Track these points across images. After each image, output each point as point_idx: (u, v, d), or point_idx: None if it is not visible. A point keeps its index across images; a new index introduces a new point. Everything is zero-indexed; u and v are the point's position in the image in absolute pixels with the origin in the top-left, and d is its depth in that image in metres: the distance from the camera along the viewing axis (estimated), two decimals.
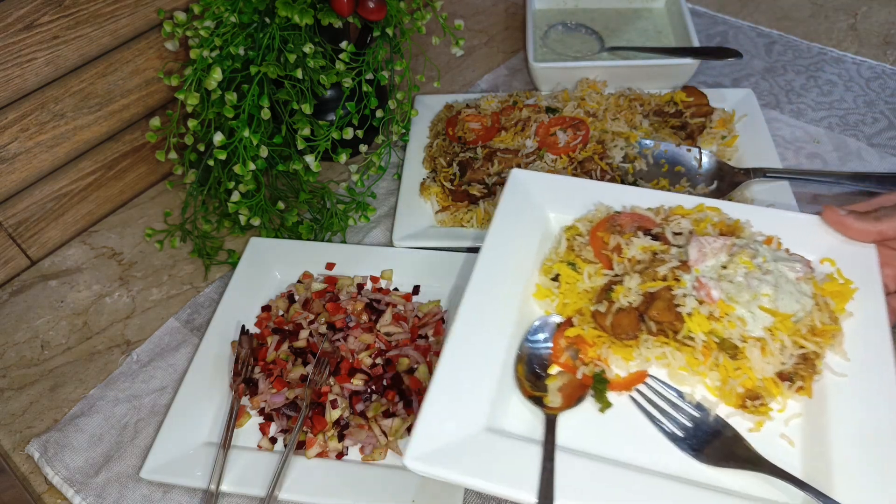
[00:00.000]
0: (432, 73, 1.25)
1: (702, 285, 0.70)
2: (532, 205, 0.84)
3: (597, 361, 0.72)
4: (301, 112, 0.93)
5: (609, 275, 0.76)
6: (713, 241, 0.73)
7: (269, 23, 0.92)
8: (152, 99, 1.04)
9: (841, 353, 0.70)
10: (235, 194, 0.93)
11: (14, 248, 0.98)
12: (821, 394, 0.68)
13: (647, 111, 1.08)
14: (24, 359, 0.89)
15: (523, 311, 0.77)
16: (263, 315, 0.89)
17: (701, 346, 0.70)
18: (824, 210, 0.78)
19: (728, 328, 0.69)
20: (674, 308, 0.71)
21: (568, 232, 0.82)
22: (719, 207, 0.81)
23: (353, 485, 0.72)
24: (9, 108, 0.89)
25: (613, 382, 0.71)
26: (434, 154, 1.07)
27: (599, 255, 0.77)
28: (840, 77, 1.23)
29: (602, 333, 0.73)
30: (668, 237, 0.77)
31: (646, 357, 0.72)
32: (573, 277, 0.77)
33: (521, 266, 0.79)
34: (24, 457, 0.80)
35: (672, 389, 0.71)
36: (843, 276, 0.74)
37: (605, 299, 0.73)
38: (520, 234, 0.81)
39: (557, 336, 0.75)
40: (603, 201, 0.84)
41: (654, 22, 1.31)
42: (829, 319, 0.71)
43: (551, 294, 0.78)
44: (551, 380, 0.72)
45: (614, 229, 0.79)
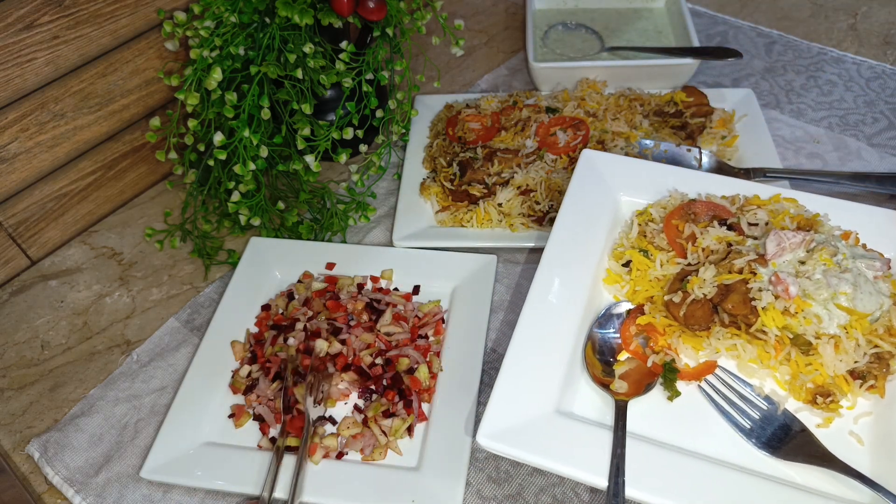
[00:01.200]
0: (432, 73, 1.25)
1: (779, 280, 0.70)
2: (603, 186, 0.84)
3: (667, 350, 0.72)
4: (301, 112, 0.93)
5: (682, 263, 0.76)
6: (792, 236, 0.72)
7: (269, 23, 0.92)
8: (152, 99, 1.04)
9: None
10: (235, 194, 0.93)
11: (14, 248, 0.98)
12: (893, 393, 0.68)
13: (647, 111, 1.08)
14: (24, 359, 0.89)
15: (593, 295, 0.76)
16: (263, 315, 0.89)
17: (774, 340, 0.70)
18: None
19: (803, 324, 0.69)
20: (749, 301, 0.71)
21: (640, 217, 0.81)
22: (796, 199, 0.80)
23: (353, 485, 0.72)
24: (9, 108, 0.89)
25: (683, 372, 0.72)
26: (434, 154, 1.07)
27: (673, 243, 0.77)
28: (840, 77, 1.23)
29: (673, 322, 0.73)
30: (744, 228, 0.77)
31: (716, 348, 0.72)
32: (645, 264, 0.77)
33: (591, 249, 0.78)
34: (24, 457, 0.80)
35: (741, 381, 0.71)
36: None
37: (680, 289, 0.73)
38: (590, 216, 0.81)
39: (628, 323, 0.75)
40: (677, 187, 0.83)
41: (654, 22, 1.32)
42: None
43: (621, 280, 0.78)
44: (619, 365, 0.72)
45: (689, 217, 0.78)
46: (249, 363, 0.84)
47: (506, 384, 0.67)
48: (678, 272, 0.76)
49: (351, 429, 0.76)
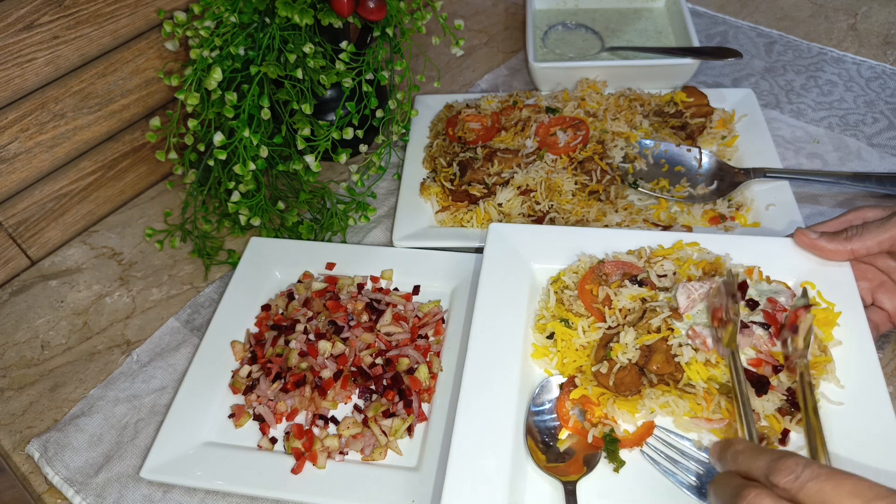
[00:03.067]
0: (432, 73, 1.25)
1: (696, 333, 0.72)
2: (516, 258, 0.84)
3: (604, 420, 0.73)
4: (301, 112, 0.93)
5: (603, 327, 0.77)
6: (699, 287, 0.75)
7: (269, 23, 0.92)
8: (152, 99, 1.04)
9: (835, 381, 0.71)
10: (235, 194, 0.93)
11: (14, 248, 0.98)
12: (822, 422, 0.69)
13: (648, 111, 1.08)
14: (24, 359, 0.89)
15: (524, 372, 0.77)
16: (263, 315, 0.89)
17: (702, 392, 0.71)
18: (796, 233, 0.80)
19: (726, 373, 0.71)
20: (672, 359, 0.72)
21: (555, 285, 0.82)
22: (697, 241, 0.83)
23: (353, 485, 0.72)
24: (9, 108, 0.89)
25: (624, 439, 0.72)
26: (434, 154, 1.07)
27: (590, 308, 0.79)
28: (840, 77, 1.23)
29: (605, 391, 0.74)
30: (654, 281, 0.78)
31: (650, 408, 0.73)
32: (568, 334, 0.78)
33: (516, 325, 0.79)
34: (24, 457, 0.80)
35: (681, 437, 0.72)
36: (825, 298, 0.76)
37: (605, 358, 0.74)
38: (508, 291, 0.81)
39: (563, 399, 0.75)
40: (583, 247, 0.84)
41: (654, 22, 1.32)
42: (819, 350, 0.72)
43: (549, 352, 0.79)
44: (561, 443, 0.73)
45: (601, 279, 0.80)
46: (249, 363, 0.84)
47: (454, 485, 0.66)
48: (601, 338, 0.77)
49: (351, 429, 0.76)
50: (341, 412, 0.80)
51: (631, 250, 0.83)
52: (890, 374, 0.82)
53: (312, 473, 0.74)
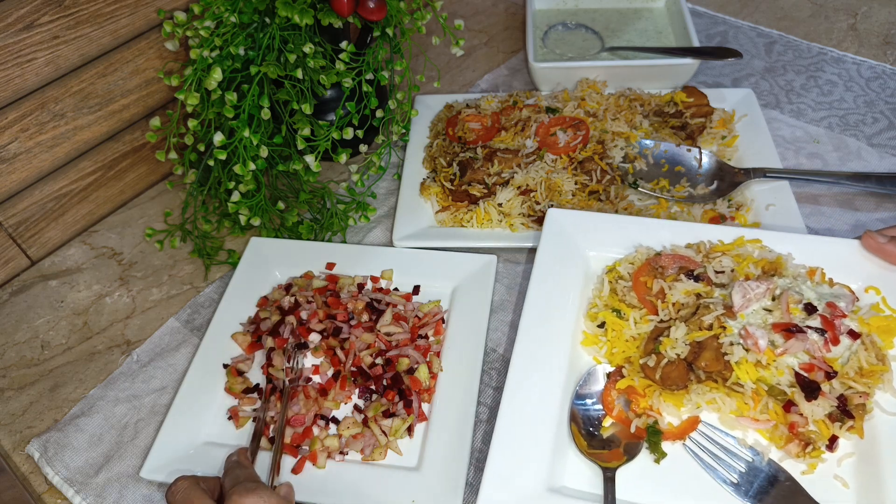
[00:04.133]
0: (432, 73, 1.25)
1: (748, 334, 0.71)
2: (571, 245, 0.85)
3: (649, 412, 0.73)
4: (301, 112, 0.93)
5: (655, 320, 0.77)
6: (756, 287, 0.73)
7: (269, 23, 0.92)
8: (152, 99, 1.04)
9: (891, 391, 0.70)
10: (235, 194, 0.93)
11: (14, 248, 0.98)
12: (872, 433, 0.69)
13: (648, 111, 1.09)
14: (24, 359, 0.89)
15: (573, 358, 0.77)
16: (261, 301, 0.91)
17: (750, 392, 0.71)
18: (864, 236, 0.78)
19: (776, 375, 0.70)
20: (721, 357, 0.72)
21: (610, 275, 0.82)
22: (760, 238, 0.81)
23: (354, 485, 0.72)
24: (9, 108, 0.89)
25: (667, 432, 0.72)
26: (434, 154, 1.07)
27: (643, 300, 0.78)
28: (840, 77, 1.23)
29: (652, 383, 0.74)
30: (711, 277, 0.77)
31: (696, 403, 0.72)
32: (619, 325, 0.78)
33: (567, 311, 0.79)
34: (24, 457, 0.80)
35: (725, 434, 0.72)
36: (889, 305, 0.75)
37: (653, 352, 0.74)
38: (562, 277, 0.82)
39: (609, 388, 0.76)
40: (641, 238, 0.84)
41: (654, 22, 1.32)
42: (876, 359, 0.71)
43: (598, 341, 0.79)
44: (605, 431, 0.73)
45: (656, 272, 0.79)
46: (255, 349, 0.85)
47: (496, 464, 0.67)
48: (651, 331, 0.76)
49: (351, 429, 0.76)
50: (341, 412, 0.80)
51: (690, 244, 0.83)
52: None
53: (312, 473, 0.74)
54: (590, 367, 0.78)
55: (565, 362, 0.76)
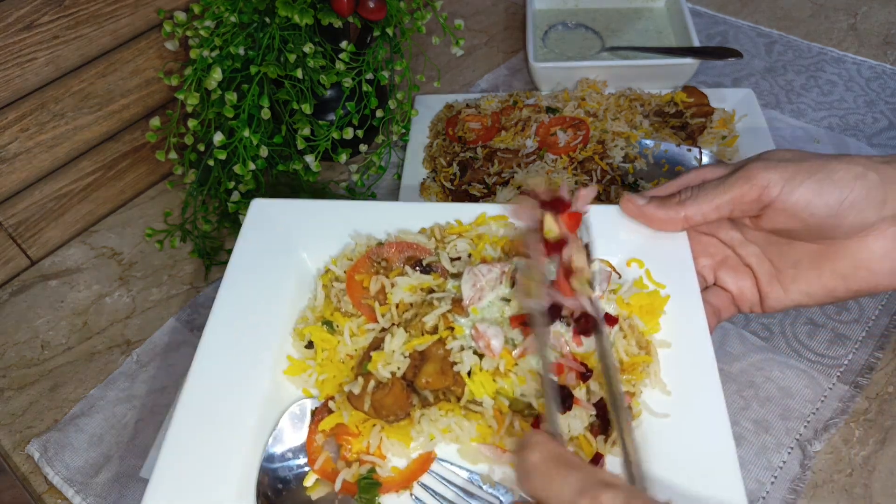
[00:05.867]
0: (432, 73, 1.25)
1: (479, 334, 0.55)
2: (280, 245, 0.67)
3: (365, 457, 0.55)
4: (301, 112, 0.93)
5: (374, 329, 0.60)
6: (487, 271, 0.59)
7: (269, 23, 0.92)
8: (152, 99, 1.04)
9: (660, 386, 0.57)
10: (235, 194, 0.93)
11: (14, 248, 0.98)
12: (642, 443, 0.54)
13: (648, 111, 1.08)
14: (24, 359, 0.89)
15: (273, 395, 0.58)
16: None
17: (491, 411, 0.55)
18: (622, 201, 0.66)
19: (518, 385, 0.55)
20: (449, 368, 0.56)
21: (325, 277, 0.65)
22: (506, 214, 0.66)
23: None
24: (9, 108, 0.89)
25: (387, 482, 0.55)
26: (434, 154, 1.07)
27: (359, 305, 0.61)
28: (840, 77, 1.23)
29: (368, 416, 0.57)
30: (446, 266, 0.62)
31: (429, 434, 0.56)
32: (330, 342, 0.60)
33: (268, 333, 0.61)
34: (24, 457, 0.80)
35: (466, 471, 0.56)
36: (653, 279, 0.62)
37: (360, 374, 0.56)
38: (264, 287, 0.63)
39: (312, 430, 0.57)
40: (365, 227, 0.67)
41: (654, 22, 1.31)
42: (638, 347, 0.58)
43: (307, 367, 0.60)
44: (311, 490, 0.54)
45: (378, 267, 0.63)
46: None
47: None
48: (370, 344, 0.59)
49: None
50: None
51: (423, 228, 0.67)
52: (891, 374, 0.82)
53: None
54: (293, 404, 0.59)
55: (259, 403, 0.56)
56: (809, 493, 0.72)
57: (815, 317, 0.87)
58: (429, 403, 0.56)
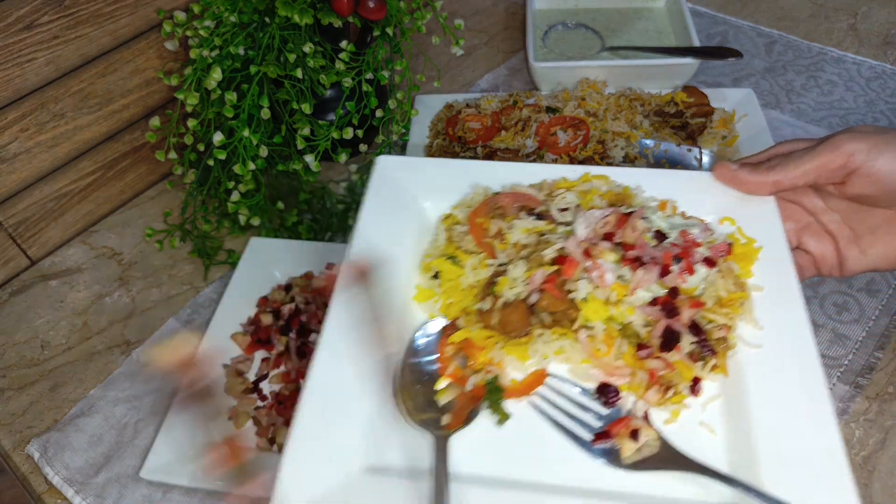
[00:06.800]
0: (432, 73, 1.25)
1: (595, 265, 0.62)
2: (403, 196, 0.75)
3: (489, 367, 0.63)
4: (301, 112, 0.93)
5: (493, 264, 0.68)
6: (600, 215, 0.66)
7: (268, 22, 0.92)
8: (152, 99, 1.04)
9: (752, 322, 0.63)
10: (235, 194, 0.93)
11: (14, 248, 0.98)
12: (737, 370, 0.61)
13: (648, 111, 1.08)
14: (24, 359, 0.89)
15: (404, 318, 0.67)
16: (260, 301, 0.91)
17: (601, 335, 0.62)
18: (715, 166, 0.73)
19: (627, 313, 0.62)
20: (565, 295, 0.63)
21: (446, 222, 0.73)
22: (607, 175, 0.74)
23: None
24: (9, 108, 0.89)
25: (510, 389, 0.62)
26: (434, 154, 1.07)
27: (481, 244, 0.69)
28: (840, 77, 1.23)
29: (492, 333, 0.64)
30: (554, 215, 0.69)
31: (543, 353, 0.63)
32: (454, 273, 0.68)
33: (397, 267, 0.69)
34: (24, 457, 0.80)
35: (576, 387, 0.63)
36: (745, 234, 0.69)
37: (490, 294, 0.65)
38: (392, 232, 0.71)
39: (443, 342, 0.65)
40: (479, 181, 0.75)
41: (654, 22, 1.31)
42: (735, 286, 0.64)
43: (433, 294, 0.69)
44: (441, 394, 0.62)
45: (495, 213, 0.71)
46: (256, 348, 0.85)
47: (297, 451, 0.55)
48: (490, 276, 0.67)
49: None
50: None
51: (533, 184, 0.75)
52: (891, 374, 0.82)
53: None
54: (422, 323, 0.67)
55: (392, 323, 0.65)
56: None
57: (816, 317, 0.87)
58: (546, 325, 0.63)
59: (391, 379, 0.63)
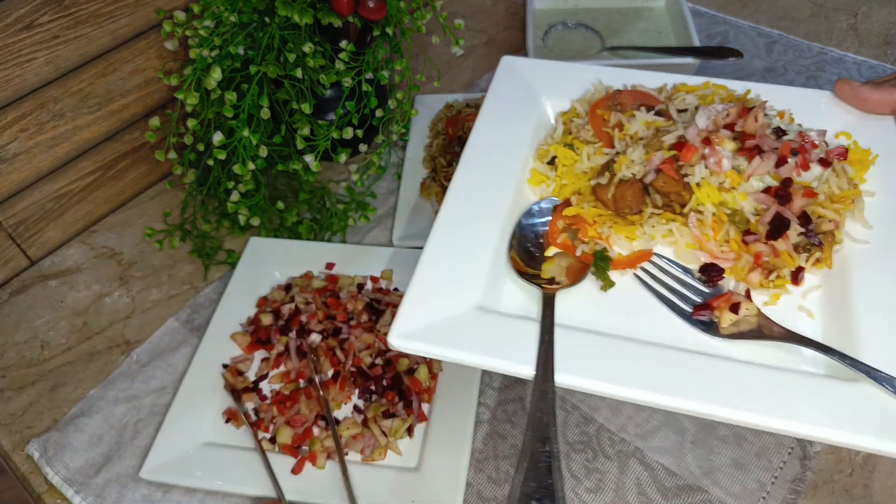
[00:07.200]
0: (432, 73, 1.25)
1: (713, 151, 0.64)
2: (525, 91, 0.78)
3: (598, 241, 0.66)
4: (301, 112, 0.93)
5: (610, 153, 0.70)
6: (722, 109, 0.67)
7: (268, 22, 0.92)
8: (152, 99, 1.04)
9: (862, 221, 0.65)
10: (235, 194, 0.93)
11: (14, 248, 0.98)
12: (841, 264, 0.63)
13: None
14: (24, 359, 0.89)
15: (518, 197, 0.71)
16: (260, 301, 0.91)
17: (711, 219, 0.64)
18: (837, 83, 0.73)
19: (740, 199, 0.64)
20: (681, 177, 0.64)
21: (565, 116, 0.76)
22: (726, 85, 0.76)
23: (353, 485, 0.72)
24: (9, 108, 0.89)
25: (616, 261, 0.66)
26: (434, 154, 1.07)
27: (600, 133, 0.71)
28: (840, 77, 1.23)
29: (603, 211, 0.67)
30: (673, 114, 0.71)
31: (651, 235, 0.66)
32: (571, 158, 0.71)
33: (515, 153, 0.72)
34: (24, 457, 0.80)
35: (679, 267, 0.65)
36: (861, 148, 0.70)
37: (607, 171, 0.67)
38: (513, 122, 0.75)
39: (555, 217, 0.68)
40: (602, 80, 0.78)
41: (654, 21, 1.31)
42: (848, 185, 0.66)
43: (547, 179, 0.72)
44: (549, 262, 0.66)
45: (615, 107, 0.73)
46: (256, 348, 0.85)
47: (422, 282, 0.61)
48: (606, 161, 0.69)
49: (351, 429, 0.76)
50: (341, 413, 0.80)
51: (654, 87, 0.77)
52: None
53: (312, 474, 0.74)
54: (537, 200, 0.71)
55: (509, 197, 0.69)
56: (810, 493, 0.72)
57: None
58: (658, 206, 0.65)
59: (506, 239, 0.67)
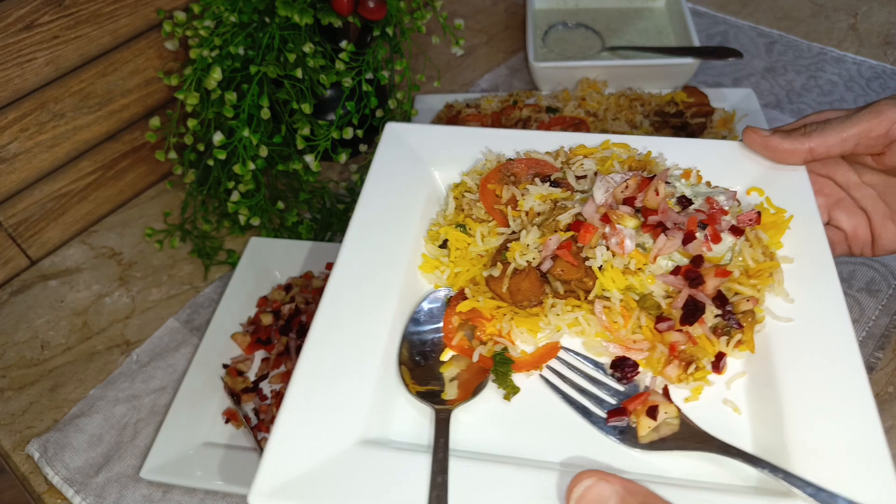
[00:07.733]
0: (432, 73, 1.25)
1: (614, 230, 0.59)
2: (412, 162, 0.72)
3: (497, 338, 0.60)
4: (301, 112, 0.93)
5: (505, 233, 0.64)
6: (620, 178, 0.62)
7: (268, 22, 0.92)
8: (152, 99, 1.04)
9: (782, 294, 0.59)
10: (235, 194, 0.93)
11: (14, 248, 0.98)
12: (765, 346, 0.57)
13: (648, 111, 1.08)
14: (24, 359, 0.89)
15: (407, 288, 0.63)
16: (260, 301, 0.91)
17: (619, 306, 0.58)
18: (745, 132, 0.68)
19: (647, 282, 0.58)
20: (582, 262, 0.59)
21: (455, 189, 0.70)
22: (627, 143, 0.71)
23: None
24: (9, 108, 0.89)
25: (519, 361, 0.59)
26: None
27: (492, 210, 0.66)
28: (840, 77, 1.23)
29: (501, 303, 0.61)
30: (571, 182, 0.65)
31: (555, 326, 0.60)
32: (463, 241, 0.65)
33: (403, 235, 0.66)
34: (24, 457, 0.80)
35: (590, 362, 0.59)
36: (774, 205, 0.64)
37: (500, 261, 0.61)
38: (398, 199, 0.68)
39: (449, 313, 0.62)
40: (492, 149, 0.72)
41: (654, 21, 1.31)
42: (764, 256, 0.60)
43: (440, 264, 0.66)
44: (445, 367, 0.59)
45: (508, 179, 0.67)
46: (256, 348, 0.85)
47: (289, 420, 0.52)
48: (501, 245, 0.63)
49: None
50: None
51: (549, 151, 0.71)
52: (891, 374, 0.82)
53: None
54: (427, 293, 0.64)
55: (396, 291, 0.61)
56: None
57: None
58: (559, 296, 0.60)
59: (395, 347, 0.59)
